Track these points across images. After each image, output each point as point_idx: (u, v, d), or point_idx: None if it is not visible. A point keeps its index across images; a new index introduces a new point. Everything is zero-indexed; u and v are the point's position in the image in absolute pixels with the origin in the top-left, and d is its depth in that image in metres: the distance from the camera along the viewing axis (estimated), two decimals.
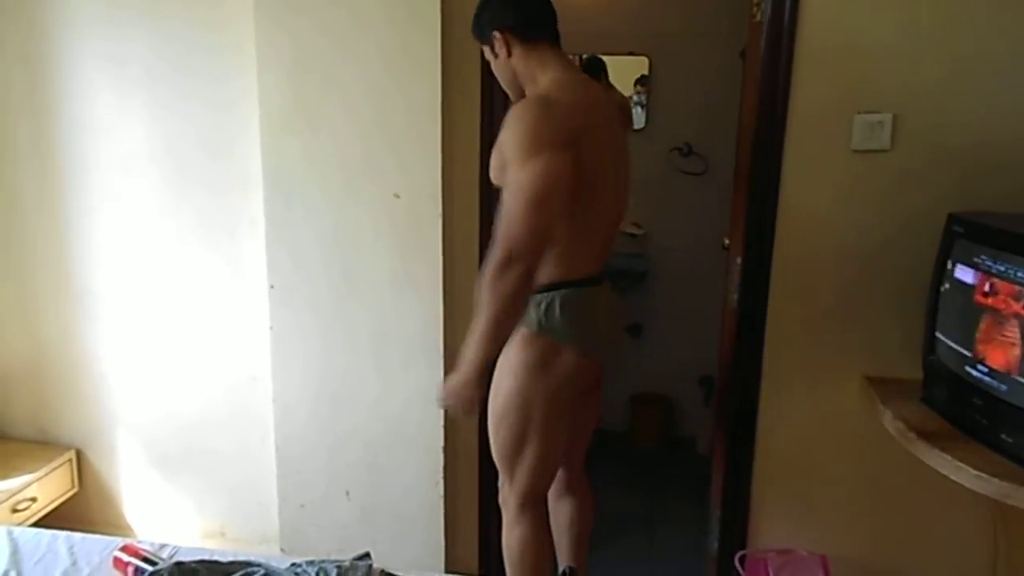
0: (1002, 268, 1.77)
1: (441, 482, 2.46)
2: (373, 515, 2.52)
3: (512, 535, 1.95)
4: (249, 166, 2.42)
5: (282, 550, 2.57)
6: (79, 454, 2.82)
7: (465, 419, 1.85)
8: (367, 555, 1.78)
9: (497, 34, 1.82)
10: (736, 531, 2.41)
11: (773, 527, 2.38)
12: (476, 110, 2.27)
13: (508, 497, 1.95)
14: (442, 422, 2.42)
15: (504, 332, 1.73)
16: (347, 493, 2.52)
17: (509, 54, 1.83)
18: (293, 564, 1.76)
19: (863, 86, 2.08)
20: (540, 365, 1.81)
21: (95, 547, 1.92)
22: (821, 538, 2.35)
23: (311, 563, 1.74)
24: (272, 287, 2.42)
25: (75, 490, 2.81)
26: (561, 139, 1.63)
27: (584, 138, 1.69)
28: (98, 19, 2.48)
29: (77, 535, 1.97)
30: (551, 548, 2.04)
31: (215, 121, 2.48)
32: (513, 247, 1.60)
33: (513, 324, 1.73)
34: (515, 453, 1.89)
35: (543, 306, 1.80)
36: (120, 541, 1.91)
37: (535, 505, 1.94)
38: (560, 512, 2.14)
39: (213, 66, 2.45)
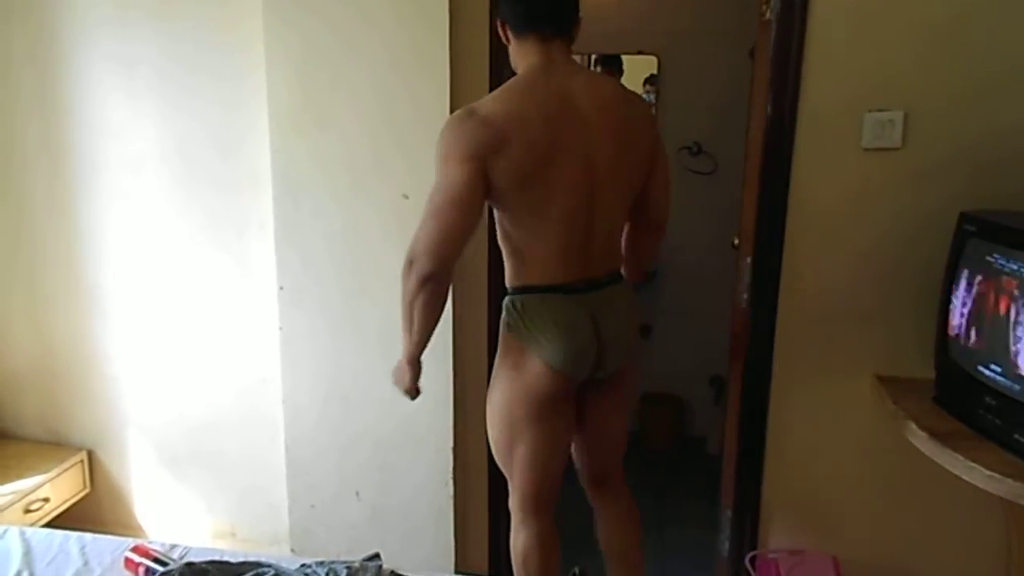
0: (1015, 267, 1.76)
1: (451, 482, 2.46)
2: (383, 516, 2.52)
3: (516, 541, 1.95)
4: (258, 166, 2.42)
5: (292, 550, 2.57)
6: (91, 455, 2.83)
7: (409, 399, 1.95)
8: (377, 556, 1.78)
9: (498, 21, 1.87)
10: (747, 531, 2.41)
11: (784, 528, 2.37)
12: None
13: (512, 502, 1.96)
14: (452, 422, 2.41)
15: (417, 330, 1.79)
16: (357, 494, 2.52)
17: (508, 41, 1.86)
18: (303, 565, 1.76)
19: (873, 84, 2.07)
20: (513, 365, 1.84)
21: (106, 547, 1.92)
22: (832, 539, 2.34)
23: (321, 564, 1.74)
24: (281, 288, 2.42)
25: (87, 491, 2.82)
26: (470, 152, 1.66)
27: (509, 146, 1.67)
28: (107, 20, 2.49)
29: (89, 536, 1.98)
30: (555, 555, 1.96)
31: (224, 121, 2.49)
32: (414, 251, 1.69)
33: (426, 323, 1.77)
34: (507, 456, 1.92)
35: (509, 308, 1.84)
36: (131, 542, 1.92)
37: (537, 511, 1.92)
38: (599, 530, 2.12)
39: (222, 66, 2.45)
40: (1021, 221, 1.84)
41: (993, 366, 1.81)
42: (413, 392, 1.91)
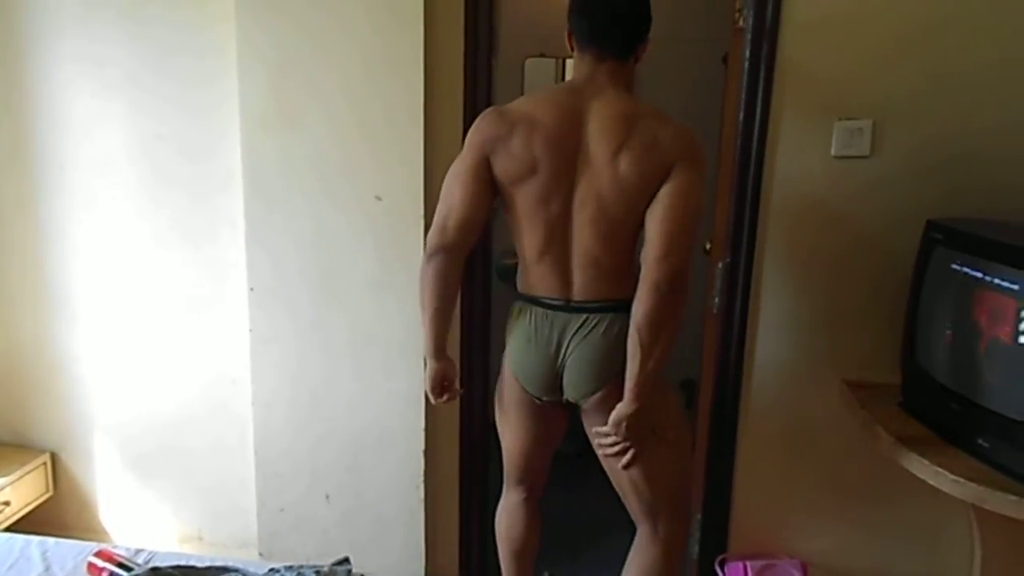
0: (979, 274, 1.79)
1: (422, 486, 2.45)
2: (353, 519, 2.50)
3: (499, 505, 2.18)
4: (229, 167, 2.40)
5: (260, 554, 2.55)
6: (54, 457, 2.78)
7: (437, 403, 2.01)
8: (346, 560, 1.77)
9: (567, 31, 1.87)
10: (717, 535, 2.42)
11: (753, 531, 2.39)
12: (459, 112, 2.26)
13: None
14: (423, 425, 2.40)
15: (424, 313, 1.88)
16: (327, 497, 2.50)
17: (572, 50, 1.87)
18: (272, 569, 1.74)
19: (843, 92, 2.10)
20: (504, 364, 1.99)
21: (69, 552, 1.89)
22: (801, 542, 2.36)
23: (290, 568, 1.72)
24: (252, 289, 2.40)
25: (49, 494, 2.77)
26: (479, 139, 1.80)
27: (510, 140, 1.77)
28: (76, 20, 2.44)
29: (51, 540, 1.95)
30: (521, 527, 2.12)
31: (195, 122, 2.45)
32: (435, 219, 1.84)
33: (430, 305, 1.87)
34: (500, 433, 2.08)
35: (510, 311, 1.95)
36: (95, 546, 1.89)
37: (512, 484, 2.11)
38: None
39: (193, 67, 2.42)
40: (985, 229, 1.88)
41: (958, 371, 1.85)
42: (433, 394, 1.96)
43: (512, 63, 3.53)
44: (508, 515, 2.14)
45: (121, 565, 1.77)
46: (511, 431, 2.03)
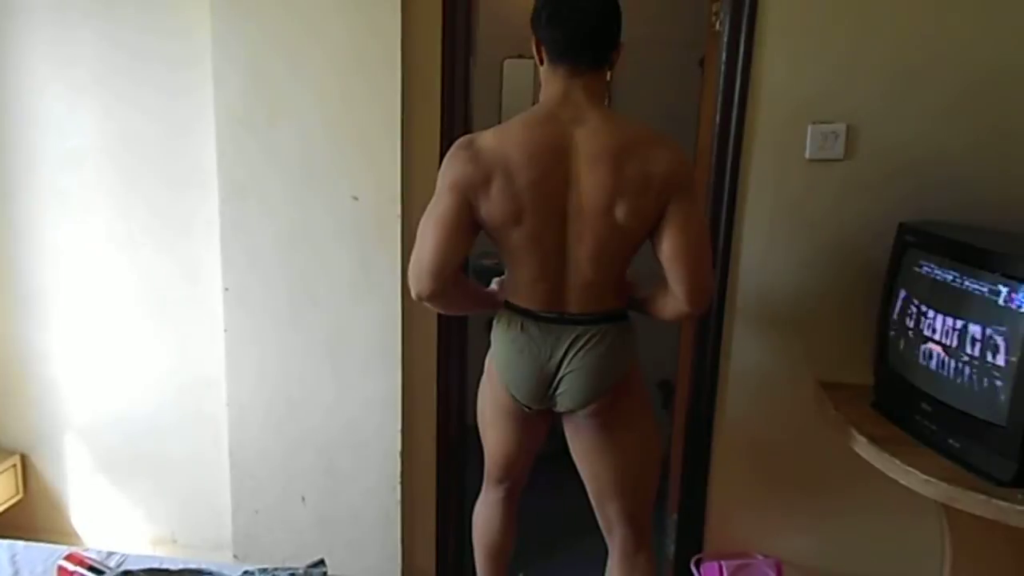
0: (950, 277, 1.81)
1: (398, 488, 2.44)
2: (329, 521, 2.49)
3: (478, 502, 2.18)
4: (204, 164, 2.37)
5: (235, 556, 2.53)
6: (24, 459, 2.74)
7: None
8: (322, 562, 1.77)
9: (534, 41, 1.76)
10: (692, 535, 2.44)
11: (729, 531, 2.41)
12: (437, 112, 2.26)
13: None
14: (399, 427, 2.40)
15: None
16: (303, 499, 2.49)
17: (541, 63, 1.77)
18: (246, 572, 1.74)
19: (818, 96, 2.12)
20: (487, 371, 1.98)
21: (39, 556, 1.87)
22: (776, 542, 2.38)
23: (264, 570, 1.72)
24: (227, 289, 2.38)
25: (19, 496, 2.73)
26: (455, 184, 1.71)
27: (488, 187, 1.69)
28: (48, 23, 2.41)
29: (20, 543, 1.92)
30: (500, 523, 2.13)
31: (170, 120, 2.43)
32: (409, 275, 1.75)
33: (465, 313, 2.12)
34: (482, 435, 2.06)
35: (495, 319, 1.91)
36: (65, 549, 1.86)
37: (493, 483, 2.11)
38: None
39: (169, 71, 2.40)
40: (957, 232, 1.91)
41: (929, 372, 1.87)
42: None
43: (491, 63, 3.53)
44: (487, 512, 2.14)
45: (92, 568, 1.75)
46: (495, 435, 2.01)
